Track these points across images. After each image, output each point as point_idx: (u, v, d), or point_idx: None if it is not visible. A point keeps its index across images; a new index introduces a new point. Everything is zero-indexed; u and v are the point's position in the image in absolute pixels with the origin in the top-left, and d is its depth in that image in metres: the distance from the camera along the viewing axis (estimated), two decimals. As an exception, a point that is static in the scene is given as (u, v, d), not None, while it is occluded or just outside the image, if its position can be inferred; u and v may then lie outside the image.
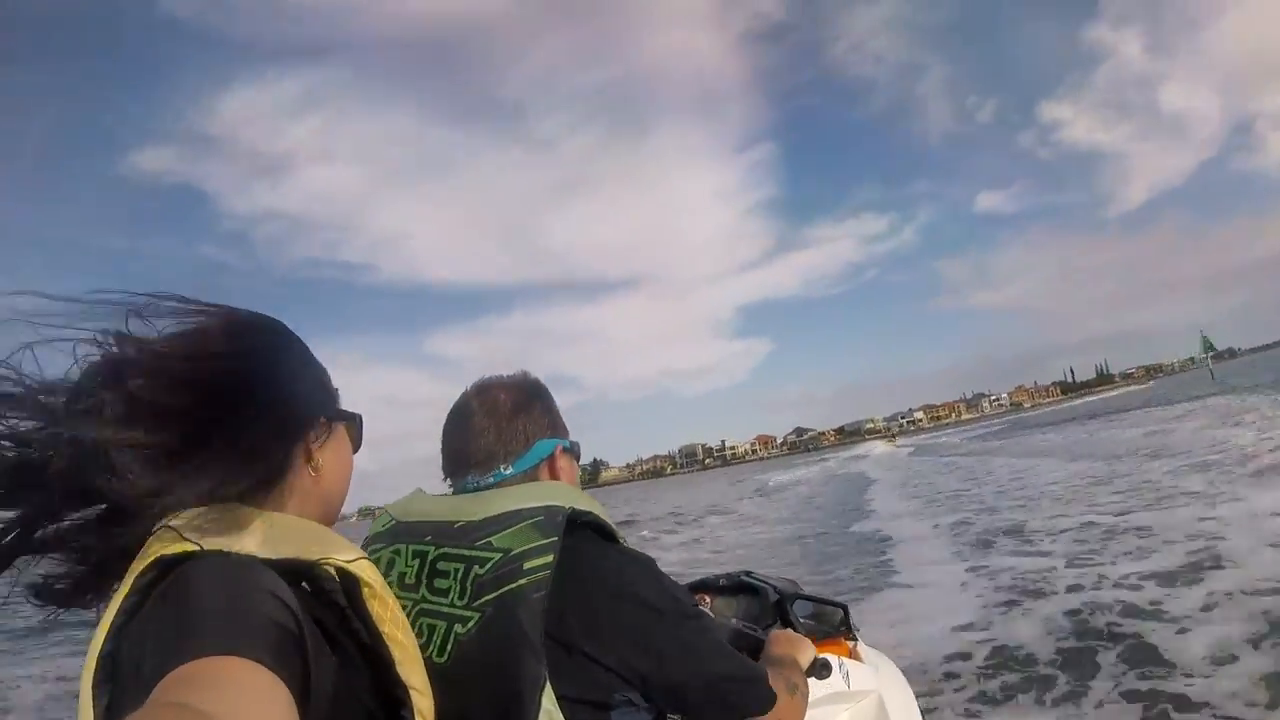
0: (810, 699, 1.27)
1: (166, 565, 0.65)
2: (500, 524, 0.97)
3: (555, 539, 0.95)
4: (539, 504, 0.99)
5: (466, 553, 0.97)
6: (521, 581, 0.92)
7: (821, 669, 1.41)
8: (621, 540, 1.07)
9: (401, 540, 1.05)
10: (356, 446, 0.92)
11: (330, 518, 0.86)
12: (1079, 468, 13.10)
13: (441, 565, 0.98)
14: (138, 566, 0.66)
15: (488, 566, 0.94)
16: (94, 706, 0.61)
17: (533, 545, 0.94)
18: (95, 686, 0.62)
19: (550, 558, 0.93)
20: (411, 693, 0.74)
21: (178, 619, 0.59)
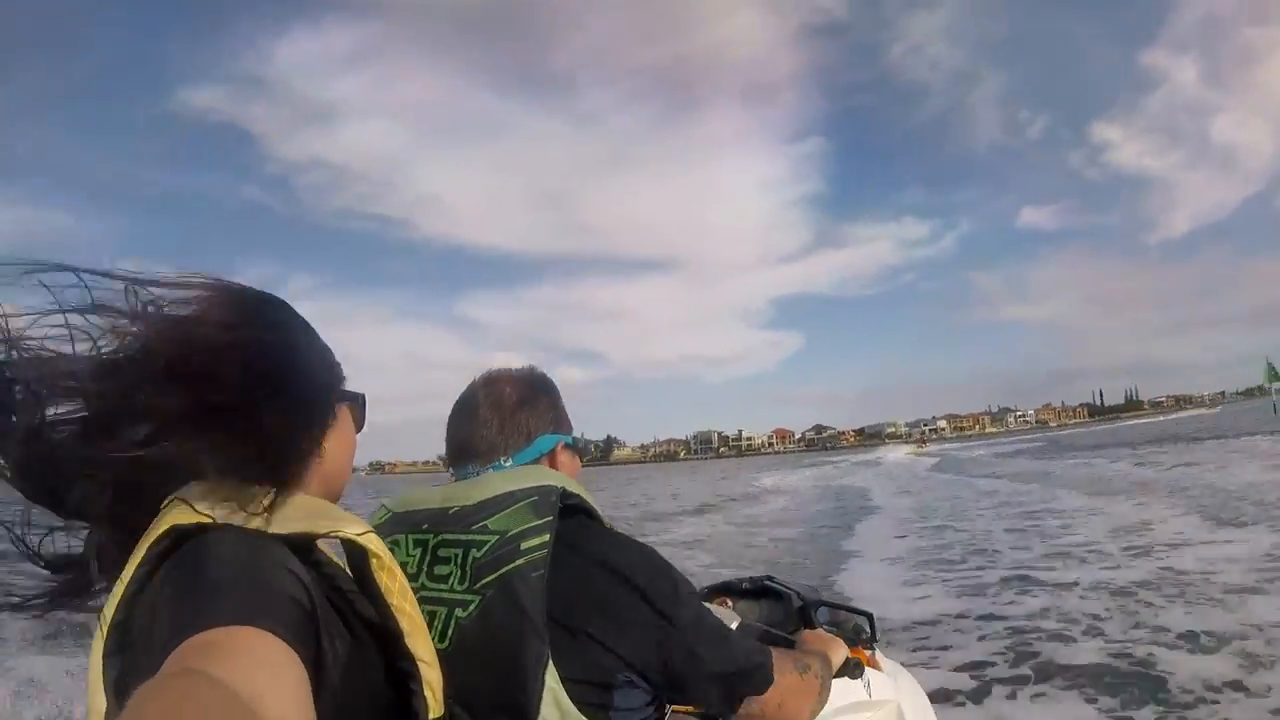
0: (832, 706, 1.27)
1: (180, 535, 0.65)
2: (495, 506, 0.99)
3: (550, 519, 0.97)
4: (532, 484, 1.01)
5: (464, 537, 0.98)
6: (519, 562, 0.93)
7: (854, 669, 1.45)
8: (608, 525, 1.08)
9: (400, 530, 1.05)
10: (359, 426, 0.91)
11: (332, 497, 0.85)
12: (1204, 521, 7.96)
13: (442, 552, 0.99)
14: (151, 535, 0.66)
15: (485, 549, 0.95)
16: (104, 677, 0.61)
17: (529, 525, 0.96)
18: (106, 657, 0.62)
19: (547, 537, 0.95)
20: (420, 665, 0.74)
21: (193, 588, 0.59)
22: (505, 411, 1.12)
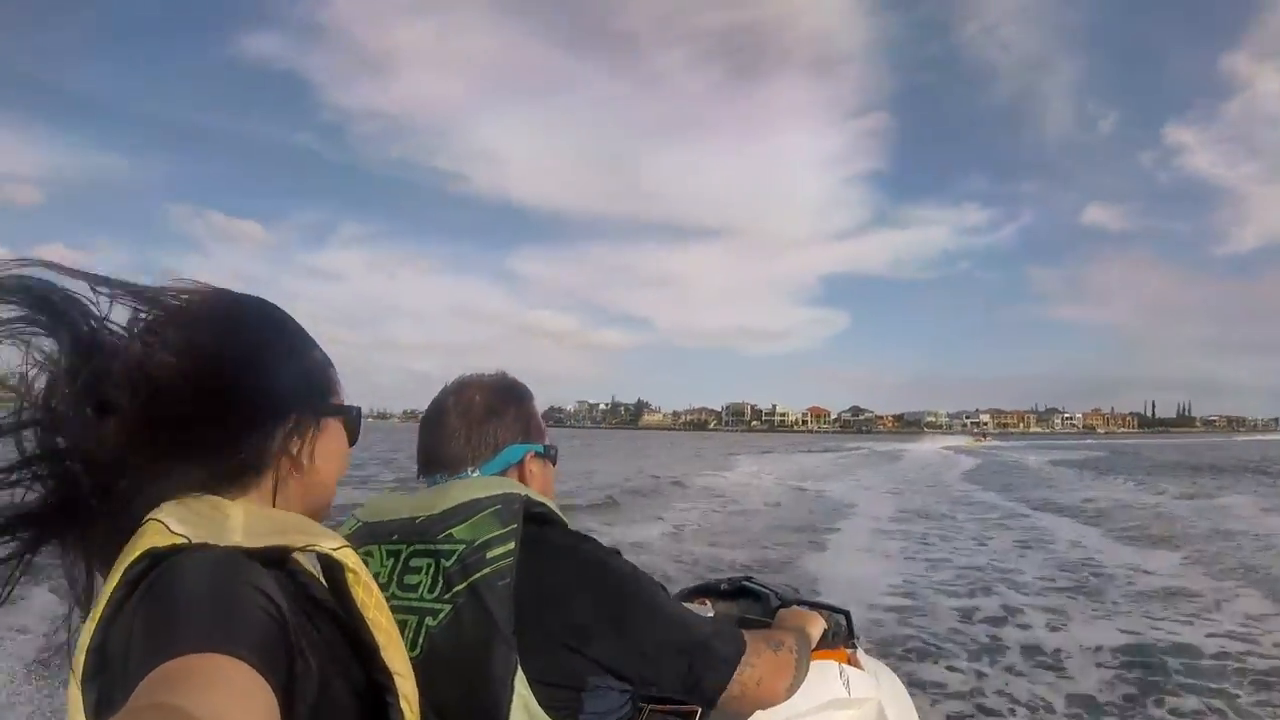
0: (813, 704, 1.35)
1: (155, 558, 0.65)
2: (458, 515, 0.99)
3: (514, 526, 0.98)
4: (496, 493, 1.01)
5: (432, 547, 0.99)
6: (486, 570, 0.94)
7: (833, 638, 1.51)
8: (571, 529, 1.09)
9: (373, 541, 1.05)
10: (353, 440, 0.90)
11: (317, 513, 0.84)
12: None
13: (413, 562, 1.00)
14: (126, 558, 0.66)
15: (453, 559, 0.96)
16: (84, 700, 0.61)
17: (494, 534, 0.97)
18: (84, 681, 0.62)
19: (512, 545, 0.96)
20: (396, 678, 0.74)
21: (163, 615, 0.59)
22: (473, 421, 1.12)
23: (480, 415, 1.11)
